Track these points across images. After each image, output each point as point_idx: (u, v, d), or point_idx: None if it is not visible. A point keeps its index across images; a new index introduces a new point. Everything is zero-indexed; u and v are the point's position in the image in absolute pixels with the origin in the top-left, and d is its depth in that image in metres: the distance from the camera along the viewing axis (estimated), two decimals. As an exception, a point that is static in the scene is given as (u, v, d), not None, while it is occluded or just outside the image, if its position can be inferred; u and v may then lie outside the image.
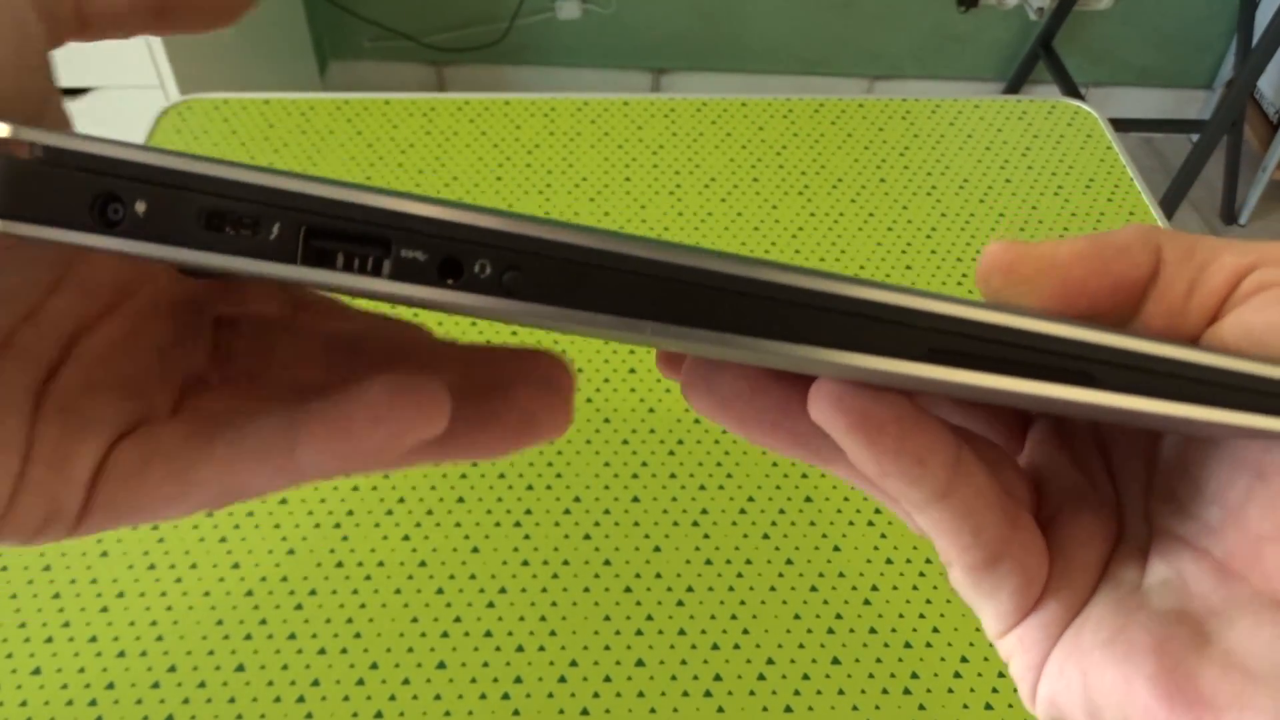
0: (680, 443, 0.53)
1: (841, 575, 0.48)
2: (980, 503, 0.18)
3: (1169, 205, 1.73)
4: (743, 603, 0.47)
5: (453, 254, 0.14)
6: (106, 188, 0.14)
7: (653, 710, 0.43)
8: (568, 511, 0.50)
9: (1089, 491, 0.20)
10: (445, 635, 0.45)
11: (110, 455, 0.18)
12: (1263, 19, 1.83)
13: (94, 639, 0.44)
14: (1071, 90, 1.81)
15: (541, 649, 0.45)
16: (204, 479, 0.17)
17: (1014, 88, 2.00)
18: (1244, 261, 0.17)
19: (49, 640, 0.44)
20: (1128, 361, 0.15)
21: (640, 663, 0.44)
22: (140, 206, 0.14)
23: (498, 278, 0.14)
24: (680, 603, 0.47)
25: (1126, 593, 0.19)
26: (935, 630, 0.46)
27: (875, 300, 0.14)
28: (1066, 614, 0.19)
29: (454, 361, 0.21)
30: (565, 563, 0.48)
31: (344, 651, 0.44)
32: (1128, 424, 0.17)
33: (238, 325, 0.21)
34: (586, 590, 0.47)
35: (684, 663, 0.45)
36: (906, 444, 0.17)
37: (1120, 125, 1.78)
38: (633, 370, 0.56)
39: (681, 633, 0.46)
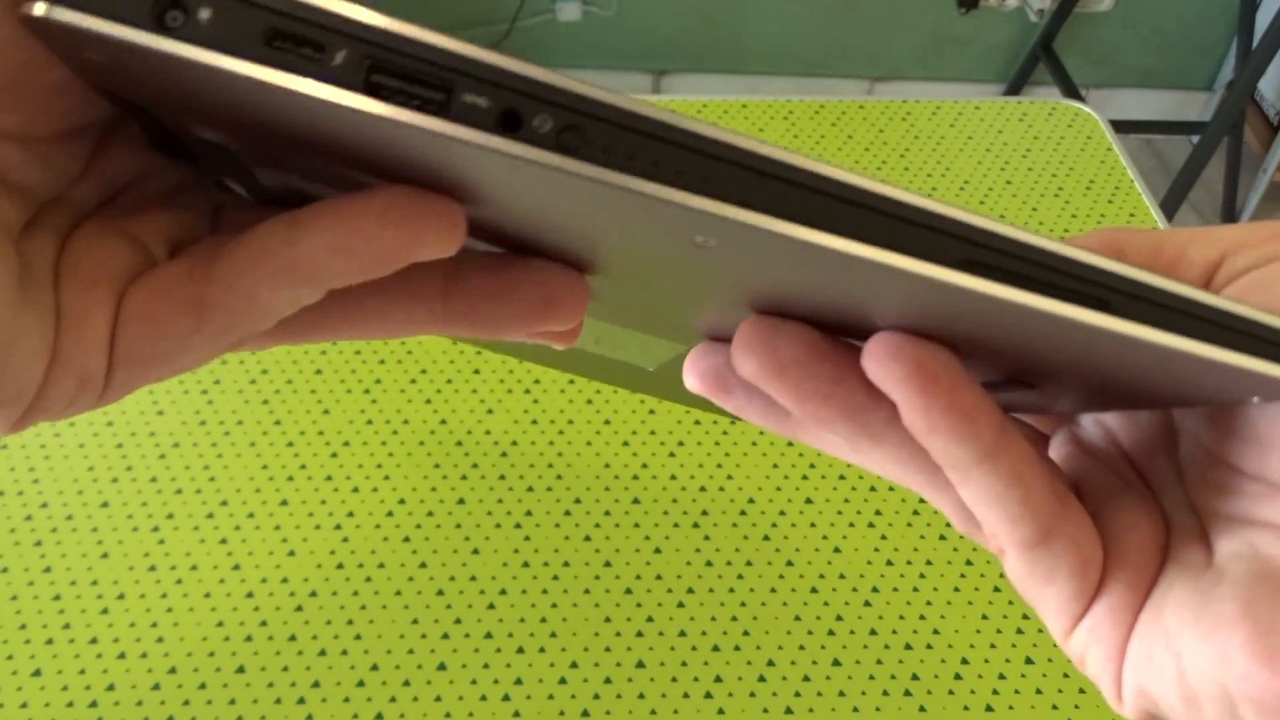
0: (681, 444, 0.53)
1: (842, 577, 0.48)
2: (1027, 469, 0.17)
3: (1169, 207, 1.73)
4: (743, 604, 0.47)
5: (514, 106, 0.14)
6: None
7: (653, 712, 0.43)
8: (568, 513, 0.50)
9: (1125, 487, 0.20)
10: (446, 637, 0.45)
11: (120, 307, 0.17)
12: (1263, 21, 1.83)
13: (94, 640, 0.44)
14: (1072, 92, 1.81)
15: (542, 650, 0.45)
16: (211, 301, 0.17)
17: (1014, 89, 2.00)
18: (1212, 255, 0.17)
19: (49, 641, 0.44)
20: (1144, 294, 0.15)
21: (640, 664, 0.44)
22: (204, 14, 0.14)
23: (555, 134, 0.14)
24: (681, 604, 0.47)
25: (1198, 571, 0.18)
26: (936, 632, 0.46)
27: (913, 204, 0.15)
28: (1133, 597, 0.19)
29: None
30: (566, 564, 0.48)
31: (344, 653, 0.44)
32: (1135, 364, 0.17)
33: (235, 214, 0.21)
34: (587, 592, 0.47)
35: (684, 664, 0.45)
36: (957, 398, 0.16)
37: (1121, 127, 1.78)
38: (633, 372, 0.56)
39: (682, 634, 0.46)
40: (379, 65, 0.14)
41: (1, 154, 0.16)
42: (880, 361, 0.17)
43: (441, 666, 0.44)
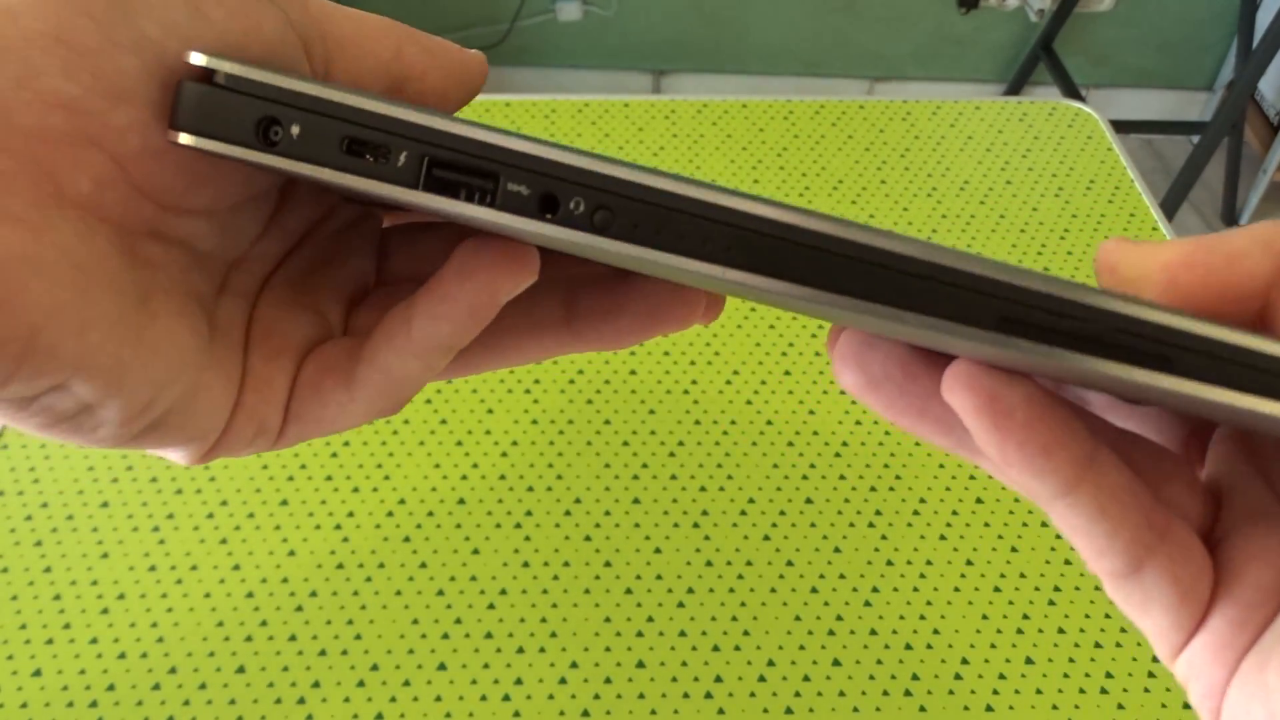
0: (681, 444, 0.53)
1: (842, 577, 0.48)
2: (1115, 505, 0.17)
3: (1169, 207, 1.73)
4: (743, 604, 0.47)
5: (552, 190, 0.16)
6: (269, 112, 0.16)
7: (653, 712, 0.43)
8: (568, 513, 0.50)
9: (1274, 508, 0.19)
10: (446, 637, 0.45)
11: (297, 377, 0.21)
12: (1263, 21, 1.83)
13: (95, 640, 0.44)
14: (1072, 92, 1.81)
15: (542, 650, 0.45)
16: (361, 379, 0.20)
17: (1015, 89, 2.00)
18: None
19: (50, 641, 0.44)
20: (1207, 348, 0.14)
21: (641, 664, 0.44)
22: (295, 129, 0.16)
23: (590, 215, 0.15)
24: (681, 604, 0.47)
25: None
26: (936, 632, 0.46)
27: (946, 265, 0.15)
28: (1238, 636, 0.18)
29: (586, 262, 0.23)
30: (566, 564, 0.48)
31: (344, 653, 0.44)
32: (1221, 419, 0.17)
33: (398, 236, 0.24)
34: (587, 592, 0.47)
35: (684, 664, 0.45)
36: (1033, 432, 0.16)
37: (1121, 127, 1.78)
38: (633, 372, 0.56)
39: (682, 634, 0.46)
40: (436, 161, 0.16)
41: (191, 227, 0.19)
42: (953, 392, 0.16)
43: (442, 666, 0.44)
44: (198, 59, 0.17)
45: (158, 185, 0.18)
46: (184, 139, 0.17)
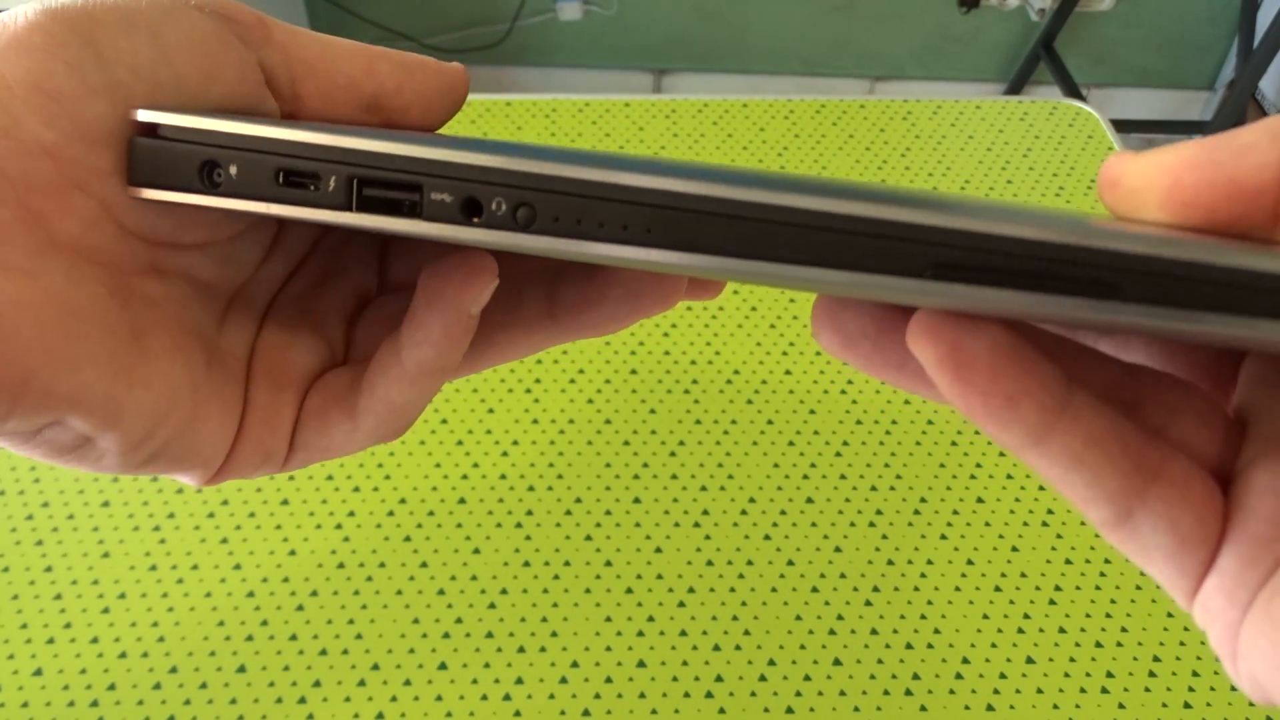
0: (681, 444, 0.53)
1: (843, 576, 0.48)
2: (1093, 452, 0.16)
3: (1170, 206, 1.72)
4: (744, 604, 0.47)
5: (472, 194, 0.16)
6: (208, 156, 0.17)
7: (654, 711, 0.43)
8: (569, 512, 0.50)
9: None
10: (446, 636, 0.45)
11: (302, 407, 0.21)
12: (1264, 20, 1.83)
13: (96, 640, 0.44)
14: (1073, 91, 1.81)
15: (543, 650, 0.45)
16: (361, 409, 0.21)
17: (1015, 89, 1.99)
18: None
19: (50, 641, 0.44)
20: (1149, 267, 0.13)
21: (641, 664, 0.44)
22: (233, 169, 0.17)
23: (512, 214, 0.15)
24: (681, 604, 0.47)
25: None
26: (936, 631, 0.46)
27: (870, 216, 0.14)
28: (1249, 573, 0.16)
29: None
30: (566, 564, 0.48)
31: (345, 652, 0.44)
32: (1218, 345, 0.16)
33: (396, 243, 0.24)
34: (588, 591, 0.47)
35: (685, 664, 0.45)
36: (998, 383, 0.15)
37: (1122, 126, 1.77)
38: (634, 371, 0.56)
39: (683, 634, 0.46)
40: (364, 180, 0.16)
41: (189, 261, 0.20)
42: (915, 344, 0.16)
43: (442, 666, 0.44)
44: (144, 115, 0.17)
45: (145, 227, 0.18)
46: (146, 194, 0.17)
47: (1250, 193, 0.14)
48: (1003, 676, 0.44)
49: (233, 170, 0.17)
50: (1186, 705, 0.43)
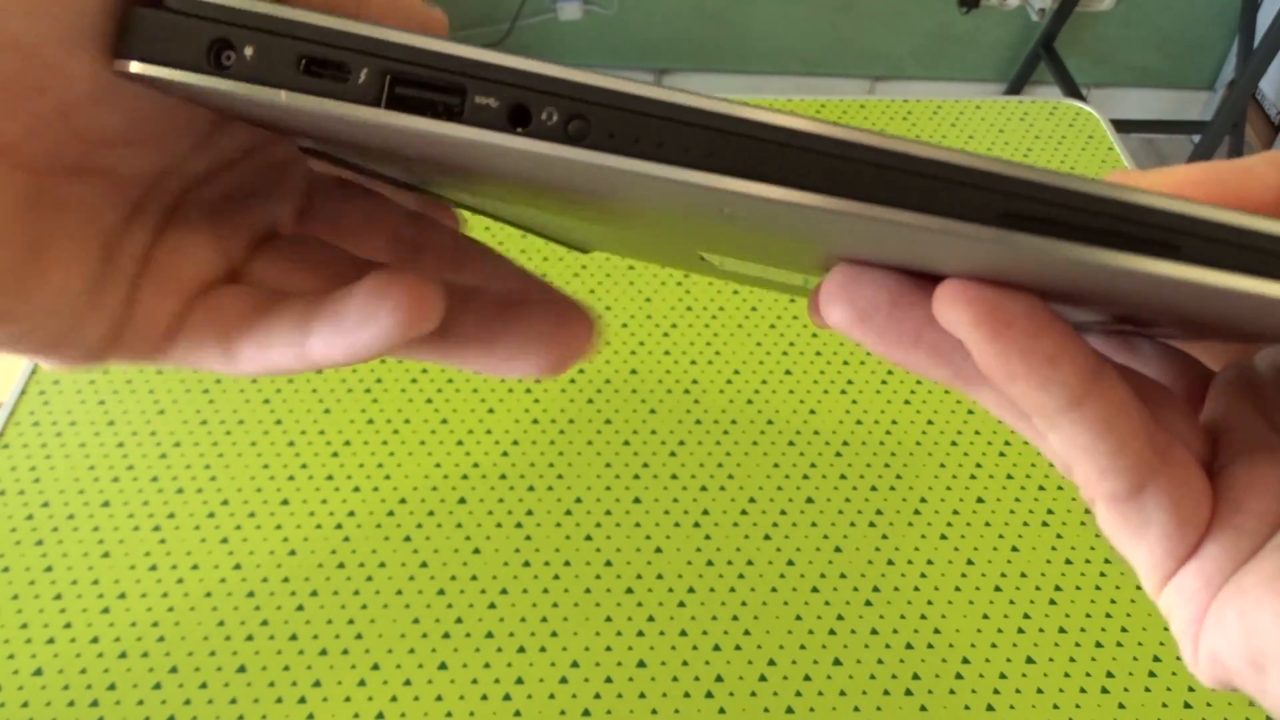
0: (681, 444, 0.53)
1: (843, 576, 0.48)
2: (1121, 420, 0.16)
3: (1170, 206, 1.72)
4: (744, 604, 0.47)
5: (523, 101, 0.15)
6: (221, 34, 0.16)
7: (654, 711, 0.43)
8: (569, 512, 0.50)
9: (1275, 442, 0.18)
10: (446, 636, 0.45)
11: (186, 314, 0.20)
12: (1264, 20, 1.83)
13: (96, 639, 0.44)
14: (1073, 91, 1.81)
15: (543, 650, 0.45)
16: (239, 353, 0.20)
17: (1015, 88, 2.00)
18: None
19: (51, 641, 0.44)
20: (1216, 234, 0.13)
21: (641, 664, 0.44)
22: (249, 51, 0.16)
23: (563, 125, 0.15)
24: (681, 604, 0.47)
25: None
26: (937, 631, 0.46)
27: (945, 161, 0.14)
28: (1229, 561, 0.17)
29: (507, 278, 0.22)
30: (566, 564, 0.48)
31: (345, 652, 0.44)
32: (1225, 310, 0.16)
33: (326, 189, 0.23)
34: (588, 591, 0.47)
35: (685, 664, 0.45)
36: (1038, 341, 0.15)
37: (1122, 126, 1.78)
38: (634, 371, 0.56)
39: (683, 634, 0.46)
40: (399, 78, 0.15)
41: (119, 156, 0.18)
42: (950, 305, 0.15)
43: (443, 666, 0.44)
44: None
45: (95, 128, 0.17)
46: (134, 67, 0.16)
47: (1253, 210, 0.15)
48: (1003, 676, 0.44)
49: (248, 51, 0.16)
50: (1186, 705, 0.43)
